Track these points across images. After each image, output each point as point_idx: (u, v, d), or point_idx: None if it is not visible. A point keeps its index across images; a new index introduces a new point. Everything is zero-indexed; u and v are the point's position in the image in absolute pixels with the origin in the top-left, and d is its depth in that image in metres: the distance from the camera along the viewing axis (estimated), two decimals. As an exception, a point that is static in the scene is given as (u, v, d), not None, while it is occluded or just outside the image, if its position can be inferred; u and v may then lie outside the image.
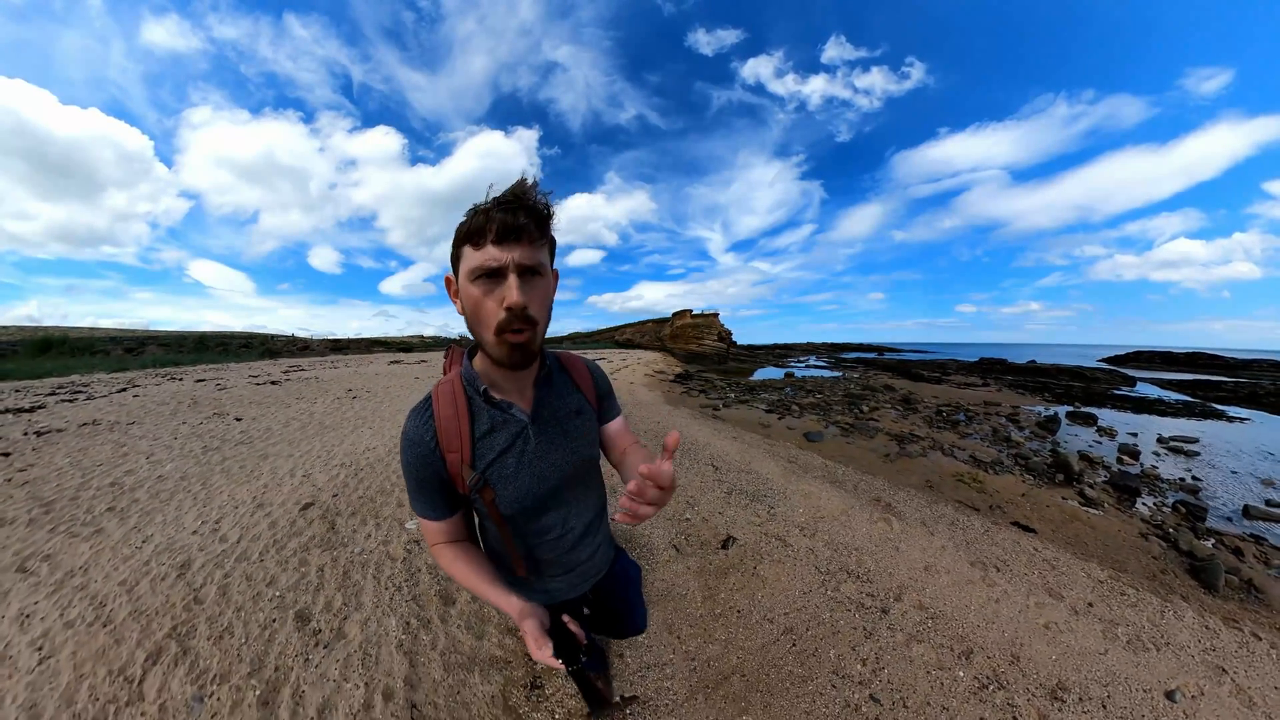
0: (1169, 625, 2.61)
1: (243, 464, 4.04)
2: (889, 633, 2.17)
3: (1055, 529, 3.91)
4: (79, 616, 1.96)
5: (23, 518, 2.94)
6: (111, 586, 2.20)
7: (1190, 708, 1.93)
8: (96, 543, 2.63)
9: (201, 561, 2.40)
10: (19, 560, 2.43)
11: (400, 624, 1.91)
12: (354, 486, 3.47)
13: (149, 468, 3.97)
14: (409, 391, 8.95)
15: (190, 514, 3.00)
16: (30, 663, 1.68)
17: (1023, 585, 2.77)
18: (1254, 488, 5.39)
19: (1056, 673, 2.05)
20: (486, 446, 0.69)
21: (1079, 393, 12.86)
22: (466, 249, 0.61)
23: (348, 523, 2.88)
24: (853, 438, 6.97)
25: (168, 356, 19.21)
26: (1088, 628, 2.45)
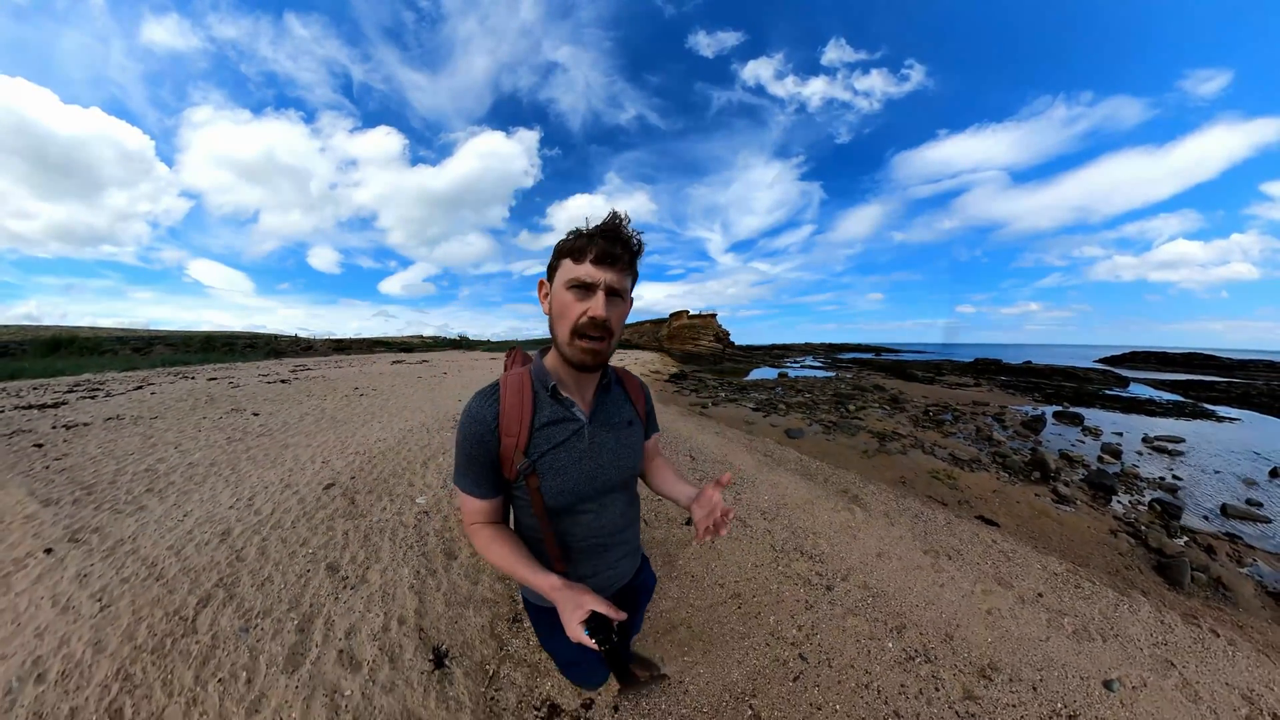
0: (1122, 618, 2.57)
1: (266, 452, 4.30)
2: (829, 606, 2.30)
3: (1021, 524, 3.87)
4: (133, 574, 2.24)
5: (67, 498, 3.18)
6: (160, 550, 2.48)
7: (1128, 698, 1.91)
8: (141, 517, 2.89)
9: (240, 529, 2.68)
10: (69, 533, 2.68)
11: (412, 572, 2.28)
12: (369, 470, 3.76)
13: (178, 456, 4.21)
14: (413, 390, 9.14)
15: (224, 493, 3.26)
16: (92, 610, 1.94)
17: (972, 573, 2.76)
18: (1235, 487, 5.32)
19: (990, 654, 2.05)
20: (543, 437, 0.74)
21: (1069, 393, 12.74)
22: (566, 261, 0.70)
23: (365, 499, 3.17)
24: (834, 435, 6.94)
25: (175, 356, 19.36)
26: (1032, 615, 2.44)
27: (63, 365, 13.19)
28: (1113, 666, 2.16)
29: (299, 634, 1.82)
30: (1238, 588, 3.04)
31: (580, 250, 0.68)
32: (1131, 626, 2.49)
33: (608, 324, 0.68)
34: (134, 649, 1.72)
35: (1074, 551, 3.45)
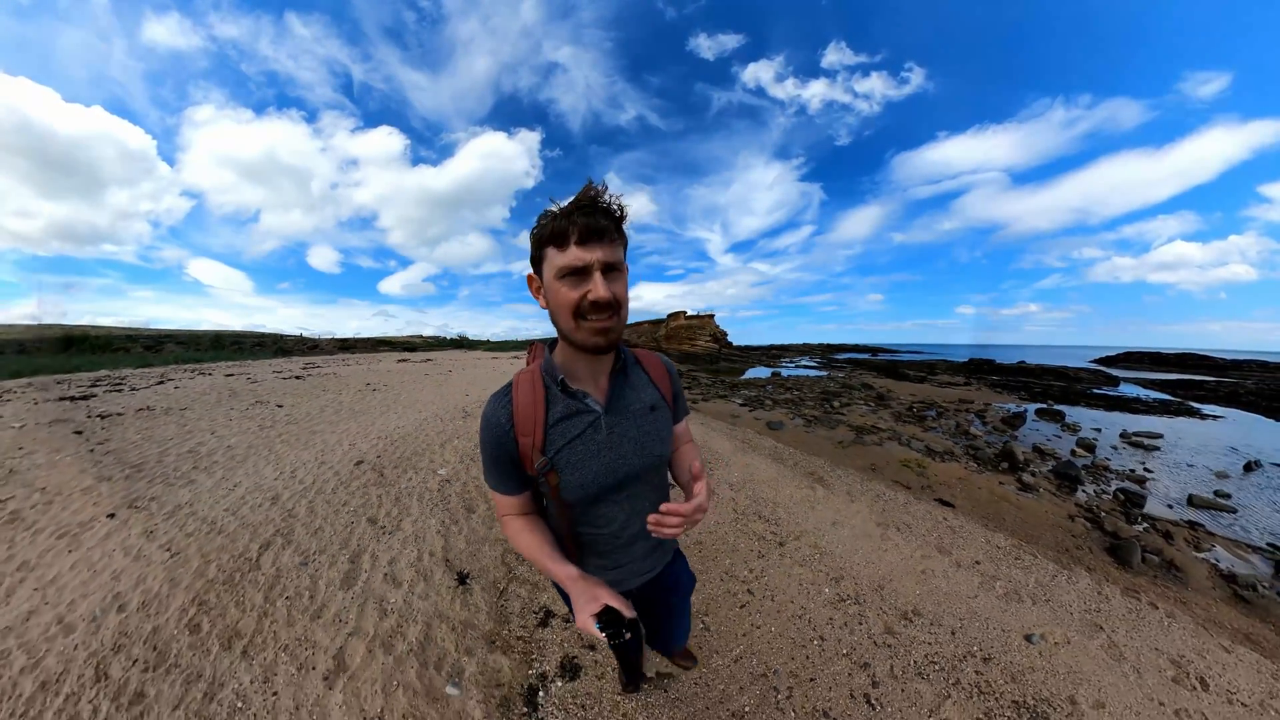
0: (1058, 587, 2.65)
1: (296, 437, 4.66)
2: (779, 557, 2.59)
3: (977, 506, 3.94)
4: (195, 529, 2.57)
5: (119, 475, 3.50)
6: (219, 512, 2.82)
7: (1048, 650, 2.01)
8: (193, 488, 3.22)
9: (288, 495, 3.05)
10: (128, 501, 3.00)
11: (438, 522, 2.71)
12: (392, 451, 4.13)
13: (215, 441, 4.52)
14: (422, 386, 9.46)
15: (267, 468, 3.62)
16: (163, 557, 2.28)
17: (916, 542, 2.88)
18: (1207, 479, 5.31)
19: (915, 603, 2.24)
20: (558, 433, 0.71)
21: (1057, 392, 12.70)
22: (550, 250, 0.64)
23: (393, 472, 3.56)
24: (814, 428, 7.01)
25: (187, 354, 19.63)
26: (965, 578, 2.56)
27: (79, 362, 13.53)
28: (1038, 625, 2.25)
29: (350, 564, 2.23)
30: (1190, 569, 3.08)
31: (561, 234, 0.62)
32: (1066, 595, 2.58)
33: (613, 301, 0.64)
34: (206, 583, 2.05)
35: (1025, 531, 3.52)
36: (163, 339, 29.60)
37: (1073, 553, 3.24)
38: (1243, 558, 3.31)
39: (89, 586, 2.05)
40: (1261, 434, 7.97)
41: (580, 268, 0.62)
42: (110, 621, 1.81)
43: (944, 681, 1.79)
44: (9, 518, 2.73)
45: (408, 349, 35.13)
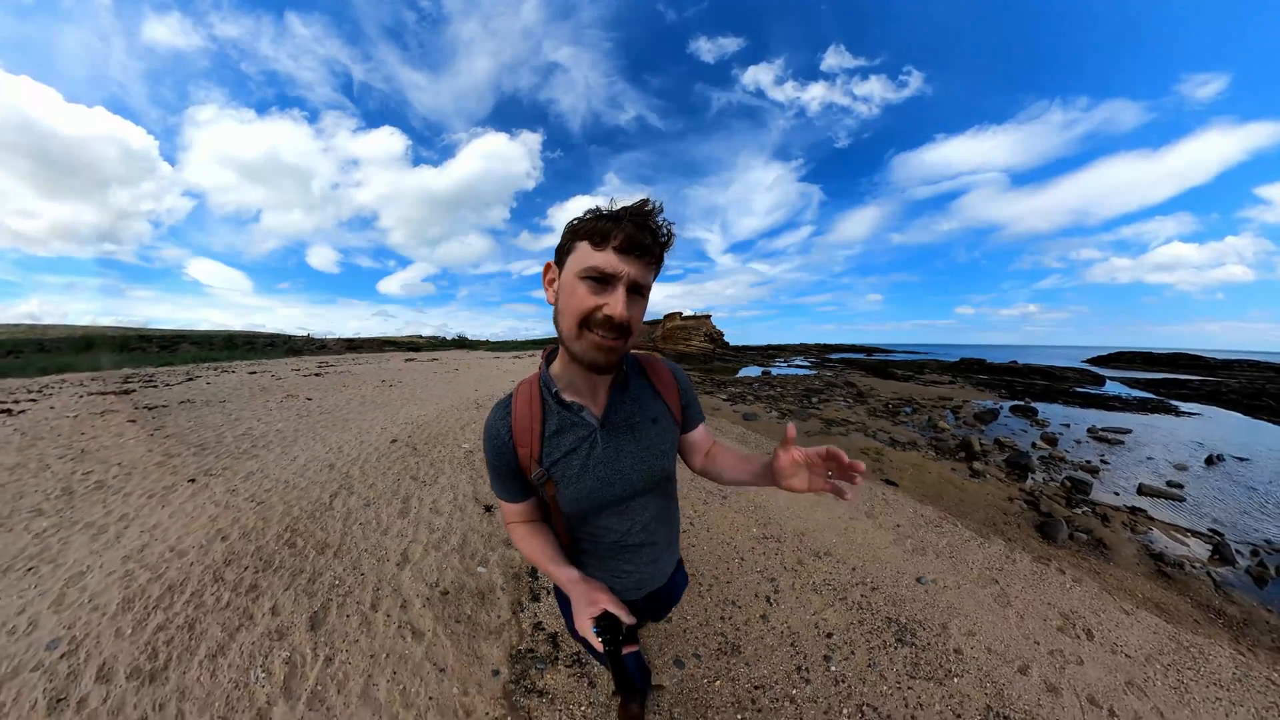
0: (968, 550, 2.89)
1: (333, 423, 5.24)
2: (720, 504, 3.04)
3: (921, 487, 4.14)
4: (272, 487, 3.13)
5: (187, 453, 4.01)
6: (287, 474, 3.39)
7: (935, 591, 2.30)
8: (259, 461, 3.76)
9: (341, 463, 3.66)
10: (203, 471, 3.50)
11: (467, 478, 3.35)
12: (420, 432, 4.73)
13: (264, 426, 5.05)
14: (433, 382, 10.02)
15: (317, 446, 4.20)
16: (250, 505, 2.84)
17: (847, 509, 3.20)
18: (1164, 471, 5.33)
19: (828, 546, 2.65)
20: (553, 446, 0.69)
21: (1039, 390, 12.79)
22: (583, 245, 0.58)
23: (424, 446, 4.18)
24: (787, 420, 7.21)
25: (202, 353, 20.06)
26: (882, 536, 2.87)
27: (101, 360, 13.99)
28: (934, 573, 2.51)
29: (402, 504, 2.88)
30: (1118, 548, 3.22)
31: (603, 234, 0.56)
32: (973, 555, 2.81)
33: (627, 325, 0.58)
34: (292, 519, 2.63)
35: (959, 508, 3.71)
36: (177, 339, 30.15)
37: (999, 527, 3.43)
38: (1179, 540, 3.42)
39: (190, 527, 2.56)
40: (1233, 430, 8.03)
41: (608, 275, 0.57)
42: (217, 547, 2.31)
43: (832, 596, 2.16)
44: (95, 485, 3.20)
45: (412, 349, 35.61)
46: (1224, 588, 2.78)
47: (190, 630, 1.71)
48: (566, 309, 0.60)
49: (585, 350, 0.60)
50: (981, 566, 2.64)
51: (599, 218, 0.59)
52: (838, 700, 1.59)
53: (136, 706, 1.38)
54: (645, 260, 0.59)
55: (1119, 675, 1.90)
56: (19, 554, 2.26)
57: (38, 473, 3.39)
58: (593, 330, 0.58)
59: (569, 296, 0.60)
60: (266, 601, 1.90)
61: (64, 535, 2.46)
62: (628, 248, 0.57)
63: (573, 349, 0.61)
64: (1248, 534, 3.57)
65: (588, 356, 0.60)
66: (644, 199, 0.60)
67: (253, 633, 1.71)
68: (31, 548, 2.32)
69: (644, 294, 0.61)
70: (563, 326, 0.61)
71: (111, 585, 1.97)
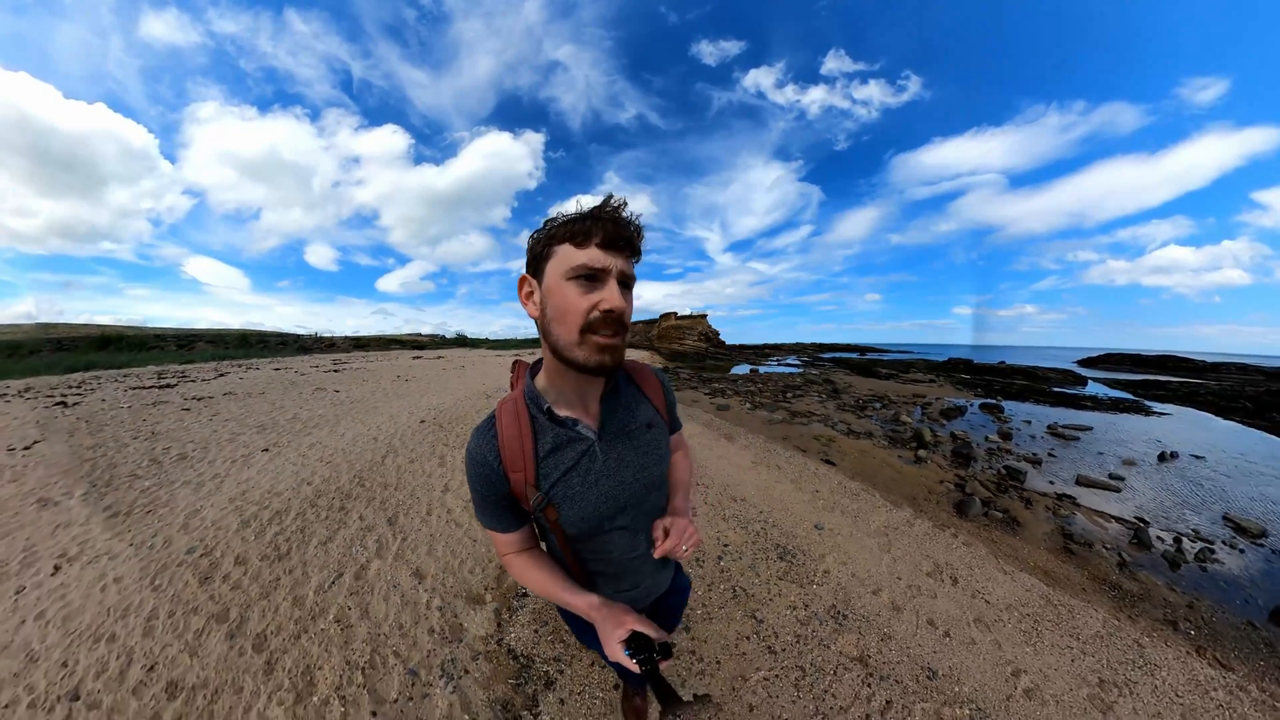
0: (874, 513, 3.16)
1: (365, 410, 5.94)
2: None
3: (858, 468, 4.35)
4: (333, 453, 3.83)
5: (249, 432, 4.63)
6: (343, 444, 4.12)
7: (826, 535, 2.77)
8: (314, 436, 4.44)
9: (383, 436, 4.40)
10: (270, 444, 4.20)
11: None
12: (442, 415, 5.48)
13: (308, 412, 5.71)
14: (444, 378, 10.64)
15: (358, 426, 4.92)
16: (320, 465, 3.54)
17: (776, 475, 3.57)
18: (1110, 465, 5.35)
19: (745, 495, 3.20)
20: (551, 466, 0.64)
21: (1016, 389, 12.85)
22: (565, 247, 0.56)
23: (447, 424, 4.97)
24: (757, 411, 7.49)
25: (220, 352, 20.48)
26: (798, 495, 3.37)
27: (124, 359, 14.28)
28: (831, 524, 2.82)
29: (439, 460, 3.68)
30: (1031, 526, 3.35)
31: (584, 233, 0.55)
32: (876, 517, 3.07)
33: (624, 317, 0.56)
34: (356, 472, 3.37)
35: (886, 485, 3.91)
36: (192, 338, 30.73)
37: (917, 502, 3.61)
38: (1100, 525, 3.51)
39: (278, 478, 3.25)
40: (1200, 430, 7.97)
41: (599, 270, 0.55)
42: (305, 489, 3.06)
43: (736, 524, 2.68)
44: (178, 457, 3.80)
45: (417, 347, 36.07)
46: (1131, 567, 2.85)
47: (302, 533, 2.46)
48: (562, 314, 0.57)
49: (590, 355, 0.56)
50: (880, 525, 2.87)
51: (574, 219, 0.57)
52: (719, 580, 2.17)
53: (270, 572, 2.10)
54: (627, 253, 0.58)
55: (969, 612, 2.10)
56: (133, 504, 2.84)
57: (119, 449, 3.96)
58: (595, 332, 0.56)
59: (560, 301, 0.56)
60: (355, 514, 2.70)
61: (169, 490, 3.07)
62: (611, 242, 0.56)
63: (575, 356, 0.57)
64: (1178, 524, 3.63)
65: (593, 360, 0.57)
66: (608, 195, 0.60)
67: (349, 530, 2.50)
68: (142, 499, 2.91)
69: (631, 287, 0.60)
70: (560, 334, 0.57)
71: (227, 515, 2.68)
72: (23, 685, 1.44)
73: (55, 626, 1.72)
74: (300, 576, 2.06)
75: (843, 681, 1.65)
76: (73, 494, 2.95)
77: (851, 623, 1.96)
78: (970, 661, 1.81)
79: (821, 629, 1.90)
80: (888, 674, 1.71)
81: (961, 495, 3.96)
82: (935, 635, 1.94)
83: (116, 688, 1.45)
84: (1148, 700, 1.67)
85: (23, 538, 2.37)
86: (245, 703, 1.41)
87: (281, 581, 2.02)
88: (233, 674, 1.51)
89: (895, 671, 1.72)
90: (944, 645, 1.88)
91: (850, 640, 1.86)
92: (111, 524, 2.55)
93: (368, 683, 1.49)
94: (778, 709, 1.52)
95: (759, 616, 1.94)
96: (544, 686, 1.54)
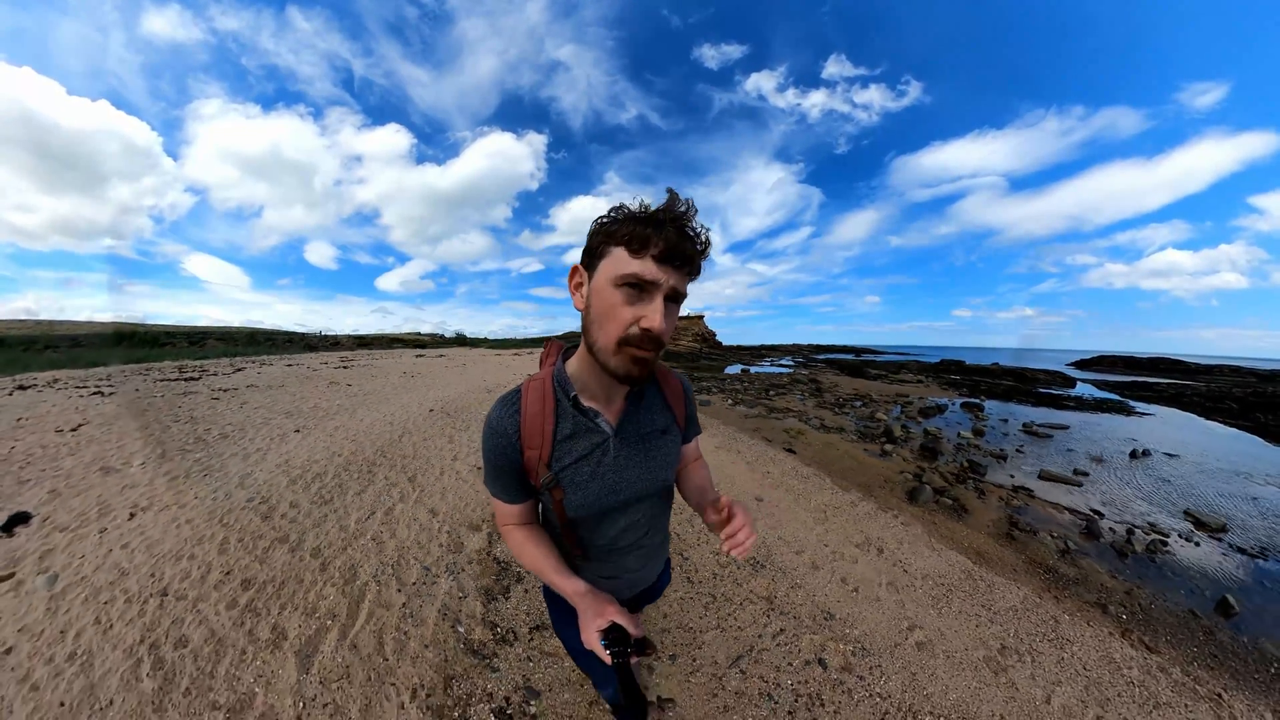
0: (819, 493, 3.29)
1: (378, 401, 6.43)
2: None
3: (818, 458, 4.40)
4: (355, 433, 4.33)
5: (280, 418, 5.11)
6: (364, 427, 4.63)
7: (766, 506, 2.99)
8: (337, 420, 4.95)
9: (398, 421, 4.93)
10: (299, 426, 4.70)
11: None
12: (449, 405, 6.00)
13: (327, 402, 6.18)
14: (448, 374, 11.13)
15: (374, 413, 5.41)
16: (347, 442, 4.01)
17: (735, 458, 3.78)
18: (1078, 462, 5.36)
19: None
20: (565, 450, 0.65)
21: (1002, 390, 12.80)
22: (619, 251, 0.54)
23: (454, 413, 5.45)
24: (737, 406, 7.50)
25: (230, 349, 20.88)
26: (748, 473, 3.89)
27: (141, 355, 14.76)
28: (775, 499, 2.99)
29: (449, 441, 4.16)
30: (979, 513, 3.39)
31: (643, 240, 0.53)
32: (821, 496, 3.16)
33: (663, 337, 0.55)
34: (378, 447, 3.87)
35: (844, 474, 3.95)
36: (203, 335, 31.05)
37: (869, 488, 3.64)
38: (1052, 516, 3.52)
39: (313, 450, 3.77)
40: (1179, 430, 7.92)
41: (649, 283, 0.53)
42: (336, 459, 3.55)
43: None
44: (220, 435, 4.29)
45: (419, 346, 36.34)
46: (1073, 554, 2.84)
47: (340, 487, 3.00)
48: (603, 321, 0.56)
49: (621, 365, 0.57)
50: (822, 504, 2.94)
51: (637, 220, 0.53)
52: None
53: (319, 512, 2.62)
54: (685, 270, 0.56)
55: (884, 577, 2.19)
56: (189, 470, 3.24)
57: (165, 430, 4.38)
58: (632, 344, 0.55)
59: (604, 306, 0.56)
60: (381, 475, 3.24)
61: (220, 460, 3.51)
62: (669, 257, 0.53)
63: (608, 363, 0.57)
64: (1135, 517, 3.61)
65: (623, 370, 0.57)
66: (678, 198, 0.55)
67: (377, 485, 3.05)
68: (197, 467, 3.34)
69: (679, 303, 0.58)
70: (599, 339, 0.57)
71: (276, 475, 3.18)
72: (119, 589, 1.83)
73: (140, 552, 2.11)
74: (343, 514, 2.61)
75: (746, 610, 1.88)
76: (131, 464, 3.35)
77: (768, 572, 2.15)
78: (869, 613, 1.91)
79: (739, 572, 2.13)
80: (788, 611, 1.89)
81: (918, 484, 3.97)
82: (844, 590, 2.06)
83: (199, 586, 1.88)
84: (1050, 669, 1.67)
85: (94, 496, 2.74)
86: (306, 588, 1.91)
87: (328, 517, 2.55)
88: (295, 572, 2.02)
89: (795, 610, 1.89)
90: (849, 598, 2.00)
91: (762, 583, 2.05)
92: (173, 484, 2.99)
93: (395, 573, 2.04)
94: (688, 621, 1.79)
95: (685, 555, 2.23)
96: (515, 581, 2.03)
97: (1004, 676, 1.60)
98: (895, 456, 4.79)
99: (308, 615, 1.72)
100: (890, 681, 1.53)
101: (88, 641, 1.52)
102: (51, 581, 1.85)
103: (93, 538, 2.21)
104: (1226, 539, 3.24)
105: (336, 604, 1.80)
